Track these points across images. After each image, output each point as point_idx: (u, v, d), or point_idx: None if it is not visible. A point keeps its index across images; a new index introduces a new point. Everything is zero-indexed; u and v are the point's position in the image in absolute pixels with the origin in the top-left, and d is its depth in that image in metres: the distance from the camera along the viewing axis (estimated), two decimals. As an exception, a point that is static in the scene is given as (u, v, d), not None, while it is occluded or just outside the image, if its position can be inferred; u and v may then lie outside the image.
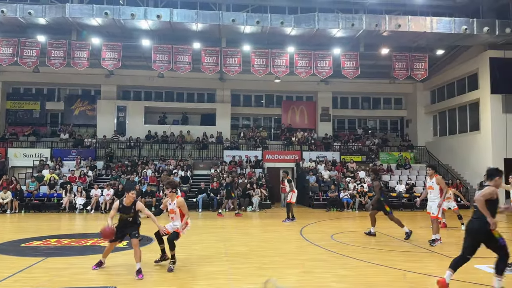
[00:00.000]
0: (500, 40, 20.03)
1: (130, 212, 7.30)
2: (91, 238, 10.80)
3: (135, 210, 7.30)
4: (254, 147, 24.99)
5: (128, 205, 7.29)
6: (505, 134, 20.56)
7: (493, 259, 8.54)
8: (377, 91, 27.88)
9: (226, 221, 15.31)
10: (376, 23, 18.89)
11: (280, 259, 8.39)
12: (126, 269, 7.38)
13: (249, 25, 18.69)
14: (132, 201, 7.30)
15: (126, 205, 7.29)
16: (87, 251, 9.10)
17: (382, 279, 6.89)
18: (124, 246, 9.58)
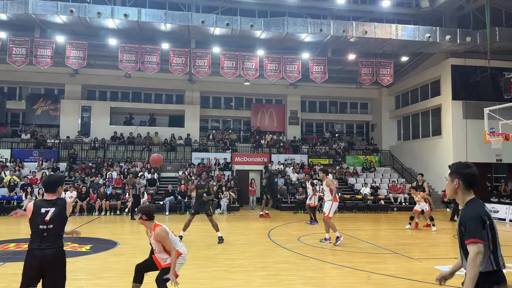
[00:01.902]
0: (461, 48, 20.90)
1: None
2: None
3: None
4: (223, 150, 24.88)
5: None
6: (465, 139, 21.45)
7: (452, 260, 8.87)
8: (344, 96, 28.44)
9: (193, 224, 15.12)
10: (343, 29, 19.28)
11: (247, 262, 8.36)
12: (88, 273, 7.14)
13: (219, 27, 18.63)
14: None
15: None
16: (47, 256, 8.72)
17: (348, 281, 7.00)
18: (87, 250, 9.28)
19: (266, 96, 28.40)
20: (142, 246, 10.37)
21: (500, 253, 3.00)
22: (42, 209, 4.07)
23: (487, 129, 15.07)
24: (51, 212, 4.07)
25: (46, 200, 4.17)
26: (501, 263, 2.98)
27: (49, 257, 3.99)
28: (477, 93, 21.23)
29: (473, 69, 21.26)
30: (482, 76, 20.66)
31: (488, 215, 3.02)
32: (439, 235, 12.76)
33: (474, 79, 21.24)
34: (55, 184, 4.24)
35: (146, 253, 9.23)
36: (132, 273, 7.35)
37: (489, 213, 3.04)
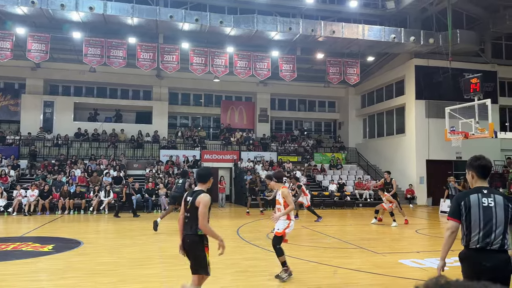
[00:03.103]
0: (424, 49, 21.62)
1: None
2: (12, 242, 9.96)
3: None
4: (192, 147, 24.65)
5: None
6: (428, 137, 22.23)
7: (415, 254, 9.21)
8: (313, 94, 28.82)
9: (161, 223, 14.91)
10: (312, 28, 19.51)
11: (215, 259, 8.29)
12: (50, 274, 6.90)
13: (188, 22, 18.42)
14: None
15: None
16: (8, 256, 8.37)
17: (314, 275, 7.11)
18: (49, 250, 8.97)
19: (236, 94, 28.35)
20: (107, 245, 10.14)
21: (480, 234, 3.46)
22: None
23: (448, 128, 15.68)
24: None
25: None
26: (472, 242, 3.48)
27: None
28: (439, 93, 22.04)
29: (435, 69, 22.06)
30: (444, 77, 21.47)
31: (468, 200, 3.55)
32: (402, 230, 13.18)
33: (436, 80, 22.04)
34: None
35: (111, 252, 9.07)
36: (96, 272, 7.19)
37: (470, 199, 3.55)
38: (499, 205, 3.52)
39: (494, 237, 3.44)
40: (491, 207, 3.50)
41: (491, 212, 3.49)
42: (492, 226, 3.46)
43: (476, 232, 3.49)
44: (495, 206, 3.51)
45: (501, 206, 3.51)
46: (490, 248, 3.44)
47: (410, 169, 22.88)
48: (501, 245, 3.44)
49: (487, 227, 3.46)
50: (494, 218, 3.48)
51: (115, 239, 11.32)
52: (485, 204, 3.52)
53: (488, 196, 3.54)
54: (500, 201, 3.54)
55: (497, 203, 3.52)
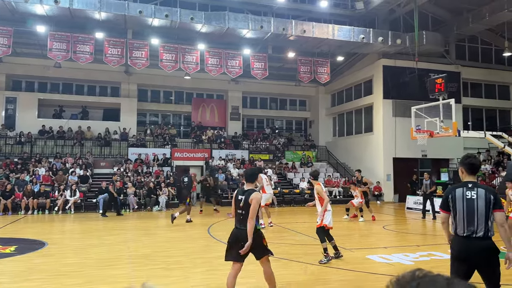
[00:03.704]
0: (392, 50, 22.17)
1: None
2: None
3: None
4: (162, 145, 24.27)
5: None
6: (394, 135, 22.82)
7: (382, 249, 9.42)
8: (284, 93, 29.00)
9: (130, 222, 14.64)
10: (283, 27, 19.60)
11: (185, 258, 8.24)
12: (13, 276, 6.62)
13: (158, 18, 18.09)
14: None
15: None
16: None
17: (285, 272, 7.15)
18: (12, 252, 8.61)
19: (207, 91, 28.13)
20: (73, 246, 9.85)
21: (464, 223, 3.94)
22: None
23: (414, 127, 16.13)
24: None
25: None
26: (459, 230, 3.98)
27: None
28: (405, 92, 22.66)
29: (402, 70, 22.66)
30: (410, 77, 22.09)
31: (454, 193, 4.05)
32: (370, 226, 13.48)
33: (403, 80, 22.65)
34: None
35: (77, 252, 8.80)
36: (61, 273, 6.95)
37: (455, 192, 4.04)
38: (480, 198, 3.90)
39: (476, 226, 3.86)
40: (473, 199, 3.91)
41: (473, 204, 3.90)
42: (474, 216, 3.88)
43: (461, 222, 3.95)
44: (477, 198, 3.91)
45: (482, 198, 3.90)
46: (475, 236, 3.87)
47: (377, 166, 23.43)
48: (485, 233, 3.85)
49: (469, 217, 3.90)
50: (476, 209, 3.89)
51: (81, 239, 11.00)
52: (468, 196, 3.94)
53: (472, 190, 3.95)
54: (482, 193, 3.92)
55: (478, 196, 3.92)
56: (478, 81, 25.46)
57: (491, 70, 25.26)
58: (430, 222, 14.69)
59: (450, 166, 23.52)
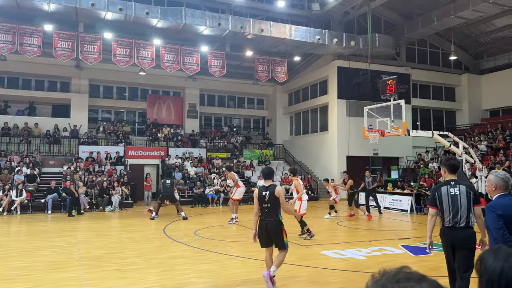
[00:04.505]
0: (346, 52, 22.80)
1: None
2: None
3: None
4: (115, 143, 23.50)
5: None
6: (348, 134, 23.52)
7: (336, 245, 9.68)
8: (242, 91, 29.03)
9: (80, 223, 14.07)
10: (241, 25, 19.60)
11: (140, 259, 8.04)
12: None
13: (111, 11, 17.49)
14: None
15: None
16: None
17: (242, 270, 7.17)
18: None
19: (164, 88, 27.56)
20: (20, 248, 9.35)
21: (450, 216, 4.58)
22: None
23: (366, 126, 16.66)
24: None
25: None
26: (446, 222, 4.63)
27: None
28: (358, 93, 23.41)
29: (356, 71, 23.39)
30: (363, 78, 22.85)
31: (440, 191, 4.68)
32: (325, 222, 13.81)
33: (356, 80, 23.39)
34: None
35: (24, 255, 8.34)
36: (8, 277, 6.55)
37: (441, 190, 4.68)
38: (462, 193, 4.58)
39: (460, 217, 4.54)
40: (457, 195, 4.59)
41: (457, 199, 4.57)
42: (458, 209, 4.55)
43: (447, 214, 4.61)
44: (459, 194, 4.58)
45: (464, 194, 4.58)
46: (459, 226, 4.55)
47: (332, 164, 24.04)
48: (467, 223, 4.54)
49: (454, 210, 4.57)
50: (459, 203, 4.56)
51: (28, 241, 10.43)
52: (452, 193, 4.61)
53: (455, 187, 4.63)
54: (464, 190, 4.61)
55: (461, 192, 4.59)
56: (427, 83, 26.79)
57: (439, 72, 26.67)
58: (378, 217, 15.28)
59: (400, 164, 24.60)
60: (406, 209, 16.92)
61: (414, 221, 14.95)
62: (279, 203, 5.78)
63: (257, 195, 5.89)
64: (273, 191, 5.75)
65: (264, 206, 5.79)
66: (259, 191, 5.91)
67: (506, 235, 3.71)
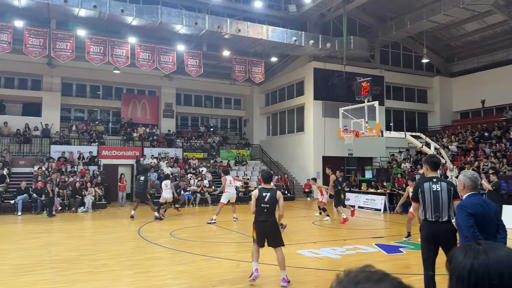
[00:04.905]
0: (322, 53, 23.06)
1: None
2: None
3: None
4: (88, 142, 22.98)
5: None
6: (324, 135, 23.77)
7: (312, 244, 9.76)
8: (219, 91, 28.92)
9: (52, 225, 13.70)
10: (218, 25, 19.54)
11: (113, 261, 7.90)
12: None
13: (85, 8, 17.11)
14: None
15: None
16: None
17: (217, 271, 7.14)
18: None
19: (139, 87, 27.13)
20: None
21: (432, 211, 4.82)
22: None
23: (341, 127, 16.88)
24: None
25: None
26: (428, 216, 4.86)
27: None
28: (334, 94, 23.71)
29: (331, 72, 23.68)
30: (339, 79, 23.16)
31: (422, 187, 4.93)
32: (300, 222, 13.93)
33: (332, 82, 23.68)
34: None
35: (-10, 260, 8.02)
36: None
37: (423, 186, 4.93)
38: (443, 190, 4.83)
39: (441, 212, 4.80)
40: (438, 191, 4.84)
41: (438, 195, 4.82)
42: (439, 205, 4.81)
43: (429, 209, 4.86)
44: (441, 190, 4.83)
45: (445, 190, 4.83)
46: (441, 220, 4.79)
47: (308, 165, 24.27)
48: (448, 218, 4.80)
49: (436, 206, 4.82)
50: (440, 199, 4.81)
51: (-5, 245, 10.07)
52: (434, 189, 4.86)
53: (436, 183, 4.88)
54: (444, 186, 4.87)
55: (442, 188, 4.84)
56: (400, 85, 27.40)
57: (411, 75, 27.33)
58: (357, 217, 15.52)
59: (374, 164, 25.06)
60: (379, 209, 17.26)
61: (387, 220, 15.27)
62: (276, 206, 6.23)
63: (256, 195, 6.27)
64: (274, 194, 6.21)
65: (263, 206, 6.15)
66: (259, 191, 6.29)
67: (476, 233, 3.84)
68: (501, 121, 22.59)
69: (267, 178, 6.58)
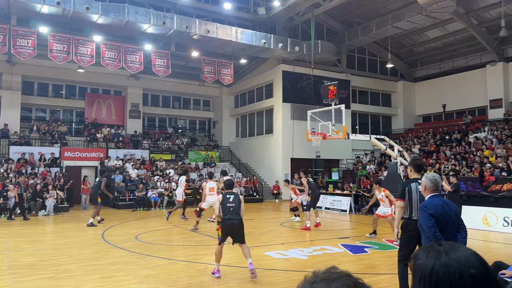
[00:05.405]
0: (291, 56, 23.30)
1: None
2: None
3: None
4: (50, 143, 22.16)
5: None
6: (292, 137, 24.03)
7: (280, 246, 9.81)
8: (188, 92, 28.63)
9: (10, 229, 13.09)
10: (186, 25, 19.35)
11: (76, 266, 7.63)
12: None
13: (48, 5, 16.50)
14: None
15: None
16: None
17: (184, 274, 7.05)
18: None
19: (104, 86, 26.44)
20: None
21: (417, 210, 4.85)
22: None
23: (309, 129, 17.14)
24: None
25: None
26: (414, 215, 5.11)
27: None
28: (302, 97, 24.03)
29: (300, 75, 23.99)
30: (307, 83, 23.48)
31: (410, 186, 5.25)
32: (268, 224, 13.98)
33: (300, 85, 23.98)
34: None
35: None
36: None
37: (411, 186, 5.24)
38: None
39: None
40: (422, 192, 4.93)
41: (422, 196, 4.80)
42: None
43: (415, 209, 5.07)
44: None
45: None
46: None
47: (276, 166, 24.43)
48: None
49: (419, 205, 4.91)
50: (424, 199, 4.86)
51: None
52: (420, 189, 4.90)
53: (420, 184, 4.88)
54: None
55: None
56: (365, 89, 28.10)
57: (376, 79, 28.09)
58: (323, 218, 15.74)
59: (340, 166, 25.55)
60: (345, 209, 17.60)
61: (353, 220, 15.59)
62: (240, 205, 6.82)
63: (220, 199, 6.93)
64: (238, 197, 6.93)
65: (229, 205, 6.72)
66: (223, 195, 6.96)
67: (437, 233, 3.98)
68: (461, 125, 23.61)
69: (229, 185, 7.31)
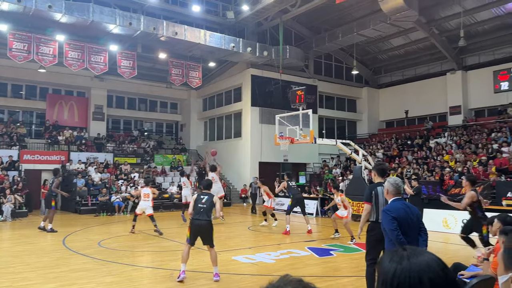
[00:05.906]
0: (259, 61, 23.40)
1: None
2: None
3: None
4: (8, 146, 21.16)
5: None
6: (261, 141, 24.10)
7: (247, 250, 9.78)
8: (154, 94, 28.14)
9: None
10: (154, 26, 19.05)
11: (35, 274, 7.30)
12: None
13: (7, 2, 15.77)
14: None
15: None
16: None
17: (149, 281, 6.89)
18: None
19: (67, 87, 25.55)
20: None
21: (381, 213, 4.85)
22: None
23: (277, 133, 17.26)
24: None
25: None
26: (380, 218, 5.04)
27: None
28: (271, 101, 24.20)
29: (268, 80, 24.16)
30: (275, 87, 23.69)
31: (376, 190, 5.39)
32: (235, 228, 13.93)
33: (269, 89, 24.16)
34: None
35: None
36: None
37: (377, 189, 5.36)
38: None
39: None
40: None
41: (385, 199, 4.94)
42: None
43: (380, 211, 5.15)
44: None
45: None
46: None
47: (245, 170, 24.42)
48: None
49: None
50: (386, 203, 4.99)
51: None
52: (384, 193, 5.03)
53: (383, 188, 5.03)
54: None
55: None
56: (331, 95, 28.62)
57: (342, 85, 28.68)
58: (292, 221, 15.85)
59: (307, 169, 25.87)
60: (312, 213, 17.80)
61: (319, 223, 15.80)
62: (212, 207, 6.90)
63: (195, 198, 7.03)
64: (211, 198, 6.97)
65: (200, 206, 6.82)
66: (197, 195, 7.07)
67: (399, 235, 4.09)
68: (422, 130, 24.48)
69: (207, 185, 7.33)
